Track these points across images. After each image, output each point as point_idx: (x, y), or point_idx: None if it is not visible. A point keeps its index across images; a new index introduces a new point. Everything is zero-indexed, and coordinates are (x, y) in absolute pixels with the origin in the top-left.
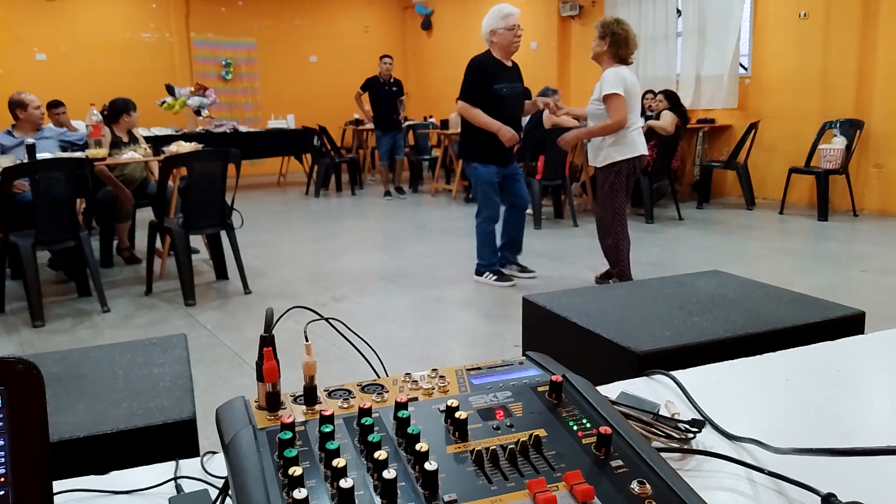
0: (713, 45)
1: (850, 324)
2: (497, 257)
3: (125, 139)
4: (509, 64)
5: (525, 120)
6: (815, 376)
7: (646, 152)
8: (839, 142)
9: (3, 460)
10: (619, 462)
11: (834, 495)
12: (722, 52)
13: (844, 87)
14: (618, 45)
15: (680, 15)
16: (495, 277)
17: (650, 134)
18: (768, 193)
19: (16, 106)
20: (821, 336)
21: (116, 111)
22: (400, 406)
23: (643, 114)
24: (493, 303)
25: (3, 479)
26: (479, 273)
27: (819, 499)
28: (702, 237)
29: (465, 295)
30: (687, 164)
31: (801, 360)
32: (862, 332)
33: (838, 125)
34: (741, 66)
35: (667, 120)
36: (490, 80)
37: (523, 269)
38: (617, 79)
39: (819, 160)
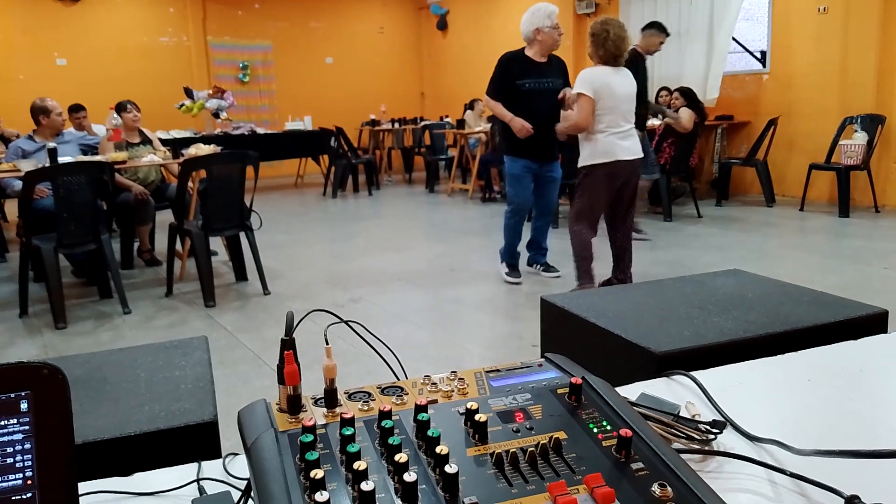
0: (722, 41)
1: (873, 323)
2: (515, 251)
3: (134, 139)
4: (543, 60)
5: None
6: (838, 376)
7: (626, 158)
8: (860, 137)
9: (29, 463)
10: (640, 464)
11: (857, 497)
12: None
13: (865, 83)
14: (595, 45)
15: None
16: (506, 271)
17: (668, 132)
18: (788, 190)
19: (39, 112)
20: (843, 335)
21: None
22: (420, 409)
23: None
24: (510, 303)
25: (30, 482)
26: (502, 260)
27: (842, 501)
28: (721, 235)
29: (483, 295)
30: (705, 162)
31: (822, 360)
32: (885, 332)
33: (859, 120)
34: (759, 61)
35: (684, 117)
36: (514, 75)
37: (547, 268)
38: (585, 79)
39: (840, 156)
